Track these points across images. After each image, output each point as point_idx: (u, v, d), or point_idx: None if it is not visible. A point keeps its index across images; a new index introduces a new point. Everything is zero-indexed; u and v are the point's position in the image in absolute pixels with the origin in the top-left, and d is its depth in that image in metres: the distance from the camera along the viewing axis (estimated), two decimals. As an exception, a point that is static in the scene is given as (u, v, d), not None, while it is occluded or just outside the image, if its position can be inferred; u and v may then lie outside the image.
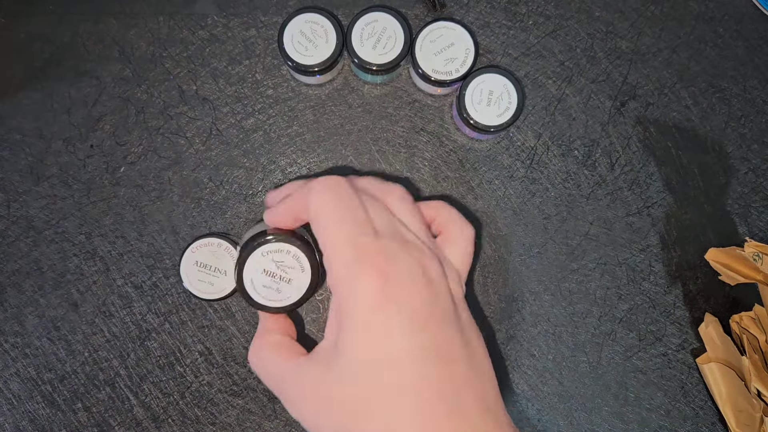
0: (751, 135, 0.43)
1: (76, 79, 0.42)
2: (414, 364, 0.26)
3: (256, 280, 0.33)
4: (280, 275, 0.33)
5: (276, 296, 0.33)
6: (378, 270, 0.27)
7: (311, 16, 0.40)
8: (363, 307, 0.27)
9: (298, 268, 0.33)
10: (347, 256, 0.28)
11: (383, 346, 0.27)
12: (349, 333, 0.28)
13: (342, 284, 0.28)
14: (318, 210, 0.30)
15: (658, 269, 0.42)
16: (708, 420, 0.41)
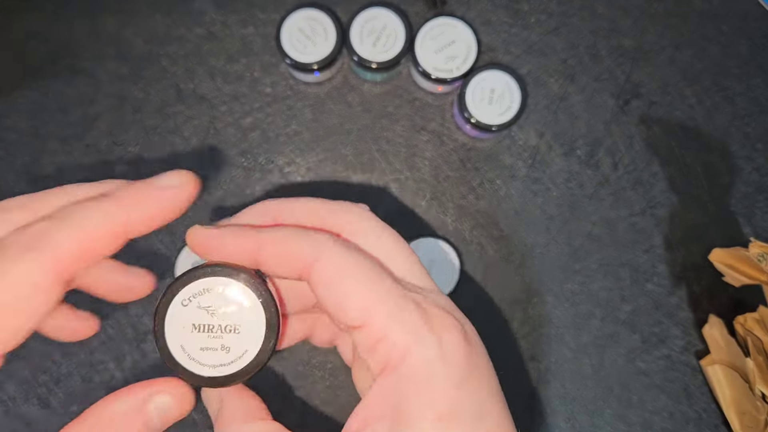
0: (756, 134, 0.43)
1: (72, 78, 0.41)
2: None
3: (187, 344, 0.22)
4: (218, 325, 0.22)
5: (225, 358, 0.22)
6: (459, 329, 0.21)
7: (310, 12, 0.39)
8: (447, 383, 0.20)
9: (240, 307, 0.22)
10: (412, 312, 0.20)
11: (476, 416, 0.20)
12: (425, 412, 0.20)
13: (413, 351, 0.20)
14: (346, 262, 0.21)
15: (662, 270, 0.42)
16: (712, 423, 0.41)
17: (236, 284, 0.22)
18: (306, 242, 0.21)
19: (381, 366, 0.20)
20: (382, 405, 0.20)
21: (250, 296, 0.22)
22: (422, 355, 0.20)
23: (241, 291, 0.22)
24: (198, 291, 0.22)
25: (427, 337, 0.20)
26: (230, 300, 0.22)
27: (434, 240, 0.40)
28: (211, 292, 0.22)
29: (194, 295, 0.22)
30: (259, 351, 0.22)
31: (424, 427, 0.19)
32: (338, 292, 0.20)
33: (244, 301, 0.22)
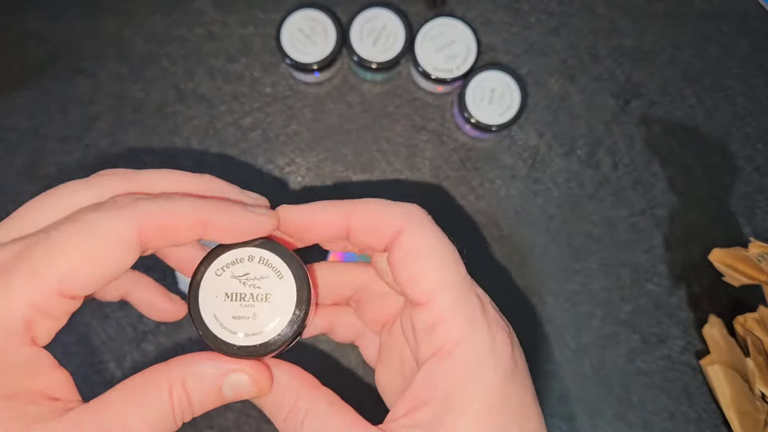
0: (756, 134, 0.43)
1: (72, 78, 0.41)
2: None
3: (220, 313, 0.22)
4: (250, 294, 0.22)
5: (257, 326, 0.22)
6: (507, 331, 0.22)
7: (310, 12, 0.39)
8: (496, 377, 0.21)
9: (273, 277, 0.22)
10: (475, 305, 0.21)
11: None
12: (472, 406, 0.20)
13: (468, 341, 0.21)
14: (430, 240, 0.22)
15: (662, 270, 0.42)
16: (712, 423, 0.41)
17: (269, 254, 0.22)
18: (396, 212, 0.22)
19: (433, 350, 0.21)
20: (431, 390, 0.20)
21: (283, 267, 0.22)
22: (476, 346, 0.20)
23: (274, 262, 0.22)
24: (231, 261, 0.22)
25: (484, 330, 0.21)
26: (263, 270, 0.22)
27: None
28: (244, 261, 0.22)
29: (227, 264, 0.22)
30: (290, 320, 0.22)
31: (472, 417, 0.20)
32: (417, 265, 0.21)
33: (277, 272, 0.22)
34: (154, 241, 0.20)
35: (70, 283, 0.18)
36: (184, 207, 0.20)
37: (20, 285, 0.18)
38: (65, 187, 0.21)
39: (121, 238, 0.19)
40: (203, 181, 0.23)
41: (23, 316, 0.18)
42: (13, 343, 0.18)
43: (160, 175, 0.22)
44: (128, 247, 0.19)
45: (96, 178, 0.21)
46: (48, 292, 0.18)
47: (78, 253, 0.18)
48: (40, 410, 0.19)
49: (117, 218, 0.19)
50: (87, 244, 0.19)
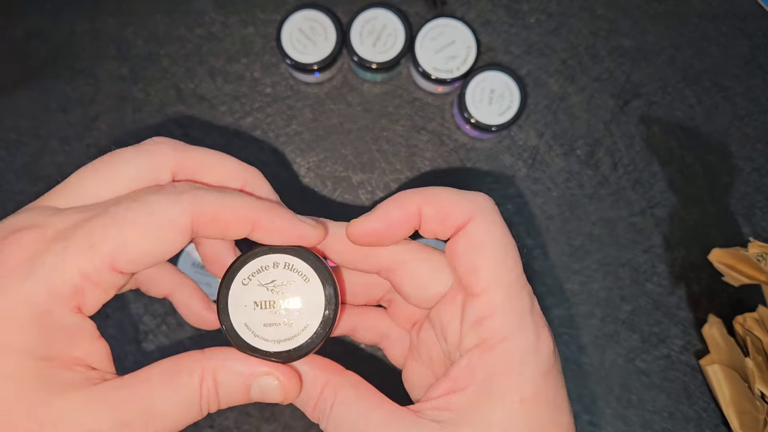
0: (755, 134, 0.43)
1: (73, 78, 0.41)
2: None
3: (251, 322, 0.23)
4: (279, 301, 0.23)
5: (288, 332, 0.23)
6: (550, 332, 0.22)
7: (310, 13, 0.39)
8: (535, 371, 0.21)
9: (299, 282, 0.23)
10: (525, 303, 0.22)
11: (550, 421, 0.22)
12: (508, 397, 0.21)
13: (513, 337, 0.21)
14: (495, 233, 0.22)
15: (662, 270, 0.42)
16: (711, 422, 0.41)
17: (293, 260, 0.23)
18: (465, 200, 0.23)
19: (478, 341, 0.21)
20: (469, 377, 0.21)
21: (308, 271, 0.23)
22: (521, 343, 0.21)
23: (298, 266, 0.23)
24: (256, 269, 0.23)
25: (530, 327, 0.21)
26: (289, 276, 0.23)
27: (434, 240, 0.40)
28: (269, 269, 0.23)
29: (253, 273, 0.23)
30: (320, 323, 0.22)
31: (505, 406, 0.20)
32: (478, 256, 0.21)
33: (303, 276, 0.23)
34: (205, 230, 0.21)
35: (123, 257, 0.19)
36: (239, 204, 0.21)
37: (75, 253, 0.19)
38: (119, 155, 0.21)
39: (175, 222, 0.20)
40: (250, 174, 0.23)
41: (73, 282, 0.19)
42: (59, 306, 0.19)
43: (211, 157, 0.22)
44: (180, 232, 0.20)
45: (148, 146, 0.22)
46: (100, 263, 0.19)
47: (133, 230, 0.19)
48: (74, 376, 0.19)
49: (174, 203, 0.20)
50: (143, 223, 0.19)
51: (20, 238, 0.19)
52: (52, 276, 0.18)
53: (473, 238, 0.22)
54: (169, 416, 0.20)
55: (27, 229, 0.19)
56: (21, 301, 0.18)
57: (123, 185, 0.21)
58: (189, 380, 0.20)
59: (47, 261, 0.18)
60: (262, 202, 0.21)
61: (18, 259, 0.19)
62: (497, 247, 0.22)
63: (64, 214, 0.20)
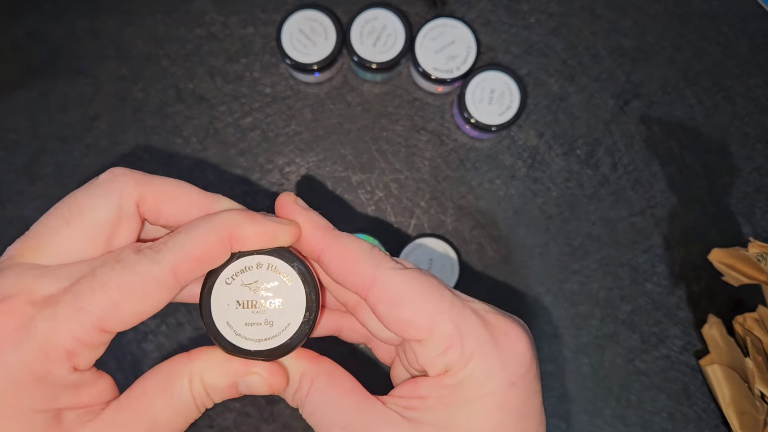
0: (755, 134, 0.43)
1: (72, 78, 0.41)
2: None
3: (233, 320, 0.23)
4: (261, 301, 0.23)
5: (269, 331, 0.23)
6: (516, 332, 0.22)
7: (310, 13, 0.39)
8: (500, 381, 0.22)
9: (281, 282, 0.23)
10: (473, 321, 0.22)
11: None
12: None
13: (476, 357, 0.21)
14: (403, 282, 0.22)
15: (661, 270, 0.42)
16: (711, 423, 0.41)
17: (276, 261, 0.23)
18: (369, 259, 0.22)
19: (443, 369, 0.22)
20: (436, 389, 0.22)
21: (290, 272, 0.23)
22: (484, 360, 0.21)
23: (281, 267, 0.23)
24: (240, 269, 0.23)
25: (489, 344, 0.21)
26: (271, 276, 0.23)
27: (434, 240, 0.40)
28: (252, 270, 0.23)
29: (236, 273, 0.23)
30: (301, 323, 0.23)
31: (473, 412, 0.21)
32: (402, 311, 0.21)
33: (284, 277, 0.23)
34: (190, 276, 0.21)
35: (110, 320, 0.20)
36: (211, 233, 0.21)
37: (65, 318, 0.19)
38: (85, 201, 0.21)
39: (159, 280, 0.20)
40: (212, 200, 0.23)
41: (66, 346, 0.19)
42: (54, 369, 0.19)
43: (172, 186, 0.22)
44: (166, 288, 0.20)
45: (110, 185, 0.21)
46: (89, 327, 0.19)
47: (120, 292, 0.20)
48: (77, 415, 0.20)
49: (154, 263, 0.20)
50: (129, 285, 0.20)
51: (11, 305, 0.19)
52: (46, 341, 0.19)
53: (386, 298, 0.22)
54: (172, 423, 0.21)
55: (16, 295, 0.19)
56: (19, 366, 0.19)
57: (99, 233, 0.21)
58: (181, 386, 0.21)
59: (40, 327, 0.19)
60: (225, 217, 0.22)
61: (11, 326, 0.19)
62: (416, 290, 0.21)
63: (50, 275, 0.20)
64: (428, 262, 0.40)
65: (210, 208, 0.23)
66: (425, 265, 0.40)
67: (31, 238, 0.21)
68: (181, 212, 0.22)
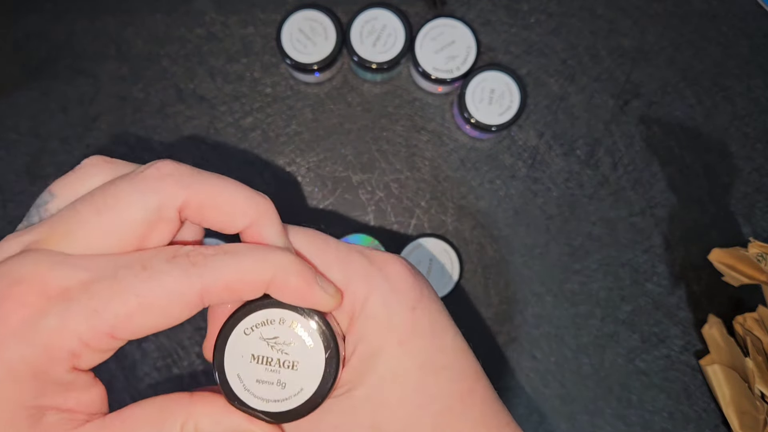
0: (755, 134, 0.43)
1: (73, 78, 0.41)
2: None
3: (244, 374, 0.22)
4: (277, 359, 0.22)
5: (280, 393, 0.22)
6: (400, 260, 0.24)
7: (310, 13, 0.39)
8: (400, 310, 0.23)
9: (302, 344, 0.22)
10: (357, 259, 0.23)
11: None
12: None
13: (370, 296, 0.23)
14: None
15: (662, 270, 0.42)
16: (711, 422, 0.41)
17: (300, 320, 0.22)
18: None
19: (348, 318, 0.23)
20: (351, 354, 0.23)
21: (314, 335, 0.22)
22: (377, 294, 0.22)
23: (304, 327, 0.22)
24: (261, 321, 0.22)
25: (376, 275, 0.22)
26: (292, 335, 0.22)
27: (434, 240, 0.40)
28: (274, 324, 0.22)
29: (257, 324, 0.22)
30: (314, 392, 0.22)
31: (389, 352, 0.22)
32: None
33: (306, 339, 0.22)
34: (215, 300, 0.20)
35: (124, 328, 0.19)
36: (253, 268, 0.20)
37: (76, 317, 0.18)
38: (123, 196, 0.20)
39: (184, 297, 0.19)
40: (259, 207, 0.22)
41: (71, 347, 0.18)
42: (56, 366, 0.19)
43: (220, 190, 0.21)
44: (188, 306, 0.19)
45: (154, 182, 0.20)
46: (100, 331, 0.18)
47: (138, 303, 0.19)
48: (59, 419, 0.19)
49: (185, 277, 0.19)
50: (150, 297, 0.19)
51: (23, 293, 0.18)
52: (51, 340, 0.18)
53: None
54: None
55: (30, 282, 0.18)
56: (20, 360, 0.18)
57: (131, 231, 0.20)
58: (173, 426, 0.20)
59: (48, 323, 0.18)
60: (277, 258, 0.20)
61: (19, 316, 0.18)
62: (302, 249, 0.22)
63: (69, 266, 0.19)
64: (428, 262, 0.40)
65: (256, 219, 0.21)
66: (425, 265, 0.40)
67: (59, 223, 0.20)
68: (225, 221, 0.21)
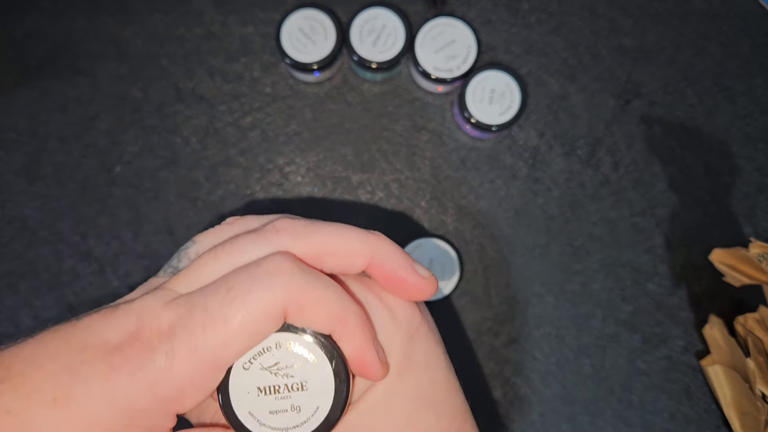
0: (756, 134, 0.43)
1: (71, 78, 0.41)
2: None
3: (256, 409, 0.21)
4: (284, 384, 0.21)
5: (298, 418, 0.21)
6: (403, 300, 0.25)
7: (310, 12, 0.39)
8: (399, 339, 0.24)
9: (304, 362, 0.21)
10: (362, 291, 0.24)
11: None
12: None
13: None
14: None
15: (663, 270, 0.41)
16: (712, 423, 0.41)
17: (296, 338, 0.21)
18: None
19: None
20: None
21: (313, 348, 0.21)
22: (377, 322, 0.23)
23: (302, 345, 0.21)
24: (258, 351, 0.21)
25: (377, 305, 0.23)
26: (292, 356, 0.21)
27: (434, 240, 0.40)
28: (271, 350, 0.21)
29: (254, 356, 0.21)
30: (332, 405, 0.21)
31: (384, 380, 0.22)
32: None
33: (308, 356, 0.21)
34: (291, 320, 0.21)
35: (223, 357, 0.19)
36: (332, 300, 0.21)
37: (182, 359, 0.19)
38: (240, 245, 0.21)
39: (269, 313, 0.20)
40: (374, 247, 0.23)
41: (176, 386, 0.19)
42: (155, 409, 0.19)
43: (333, 241, 0.22)
44: (274, 322, 0.20)
45: (270, 235, 0.21)
46: (204, 367, 0.19)
47: (228, 329, 0.19)
48: None
49: (268, 289, 0.20)
50: (240, 320, 0.19)
51: (140, 332, 0.19)
52: (158, 379, 0.19)
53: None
54: None
55: (145, 323, 0.20)
56: (124, 395, 0.19)
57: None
58: None
59: (156, 363, 0.19)
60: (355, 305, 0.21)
61: (134, 352, 0.19)
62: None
63: (174, 305, 0.20)
64: (429, 262, 0.40)
65: (372, 259, 0.23)
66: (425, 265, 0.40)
67: (185, 271, 0.22)
68: (342, 267, 0.22)
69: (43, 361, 0.19)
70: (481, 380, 0.40)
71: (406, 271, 0.23)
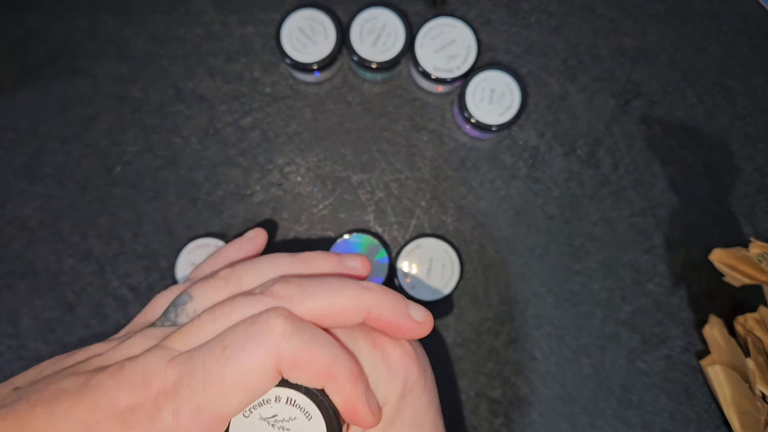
0: (757, 134, 0.43)
1: (71, 78, 0.41)
2: None
3: None
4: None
5: None
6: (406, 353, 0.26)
7: (310, 12, 0.39)
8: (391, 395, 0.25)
9: (301, 418, 0.22)
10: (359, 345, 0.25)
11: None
12: None
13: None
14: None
15: (663, 270, 0.41)
16: (712, 423, 0.41)
17: (296, 394, 0.22)
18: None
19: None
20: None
21: (311, 407, 0.22)
22: (373, 379, 0.24)
23: (301, 402, 0.22)
24: (258, 402, 0.22)
25: (377, 360, 0.24)
26: (291, 411, 0.22)
27: (434, 240, 0.40)
28: (270, 402, 0.22)
29: (254, 406, 0.22)
30: None
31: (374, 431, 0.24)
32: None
33: (305, 412, 0.22)
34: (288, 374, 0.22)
35: (224, 412, 0.21)
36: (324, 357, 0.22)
37: (187, 417, 0.20)
38: (239, 306, 0.23)
39: (262, 369, 0.21)
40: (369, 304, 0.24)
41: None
42: None
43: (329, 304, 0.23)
44: (270, 378, 0.21)
45: (267, 298, 0.23)
46: (207, 423, 0.21)
47: (225, 386, 0.21)
48: None
49: (260, 347, 0.21)
50: (236, 377, 0.21)
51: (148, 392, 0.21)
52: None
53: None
54: None
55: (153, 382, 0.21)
56: None
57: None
58: None
59: (164, 421, 0.20)
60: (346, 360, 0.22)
61: (144, 412, 0.20)
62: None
63: (175, 364, 0.21)
64: (428, 262, 0.40)
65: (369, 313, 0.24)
66: (425, 265, 0.40)
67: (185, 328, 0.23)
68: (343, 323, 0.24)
69: (58, 418, 0.20)
70: (481, 380, 0.40)
71: (402, 318, 0.24)
